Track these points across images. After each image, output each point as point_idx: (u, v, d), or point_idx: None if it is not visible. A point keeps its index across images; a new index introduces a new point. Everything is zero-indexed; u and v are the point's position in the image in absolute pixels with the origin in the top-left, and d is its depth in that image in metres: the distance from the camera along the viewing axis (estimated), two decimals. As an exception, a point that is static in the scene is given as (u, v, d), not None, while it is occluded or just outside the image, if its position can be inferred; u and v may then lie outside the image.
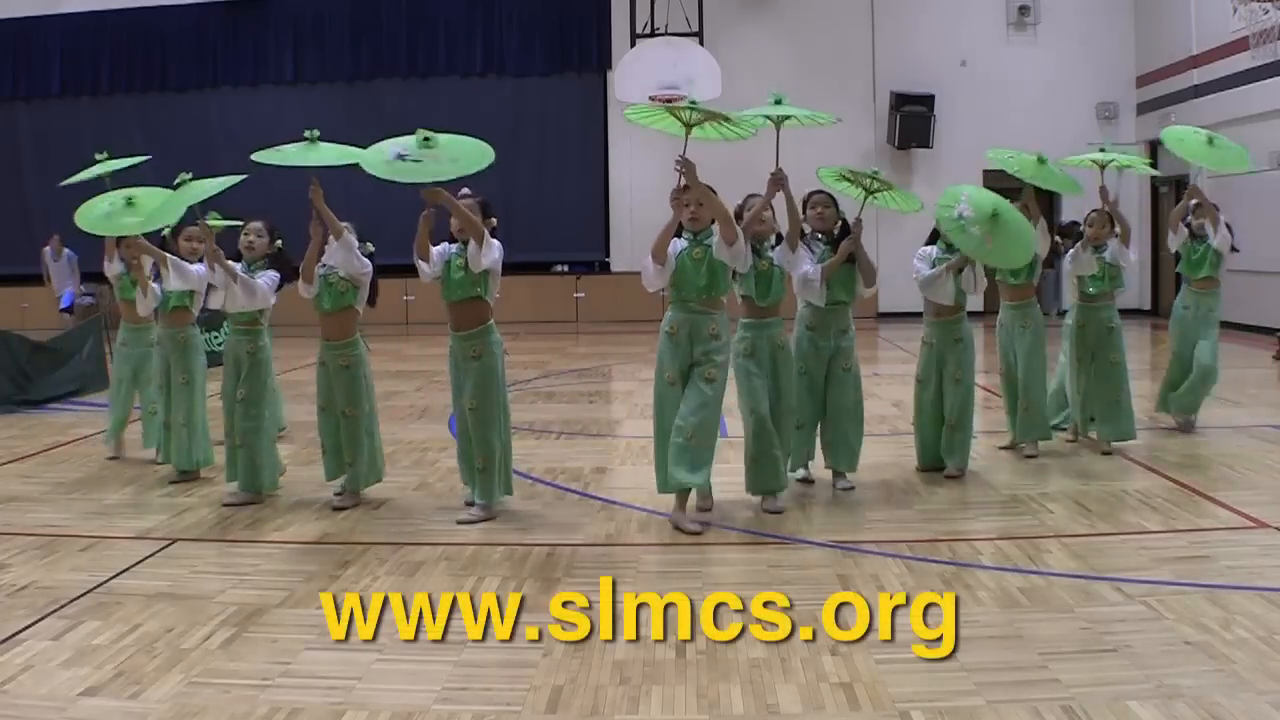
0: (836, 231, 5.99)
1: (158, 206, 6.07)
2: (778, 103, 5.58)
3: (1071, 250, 6.91)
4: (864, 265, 5.91)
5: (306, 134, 5.55)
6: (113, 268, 7.47)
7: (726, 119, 5.41)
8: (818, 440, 6.14)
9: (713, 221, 5.33)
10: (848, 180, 6.02)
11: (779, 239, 5.69)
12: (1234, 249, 7.46)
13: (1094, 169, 6.85)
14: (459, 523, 5.52)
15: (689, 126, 5.38)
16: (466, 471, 5.75)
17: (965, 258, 6.07)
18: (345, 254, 5.74)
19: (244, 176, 5.94)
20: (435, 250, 5.52)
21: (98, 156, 6.46)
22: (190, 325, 6.70)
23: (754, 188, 5.81)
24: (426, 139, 5.24)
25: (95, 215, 6.28)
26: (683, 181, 5.26)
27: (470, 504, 5.69)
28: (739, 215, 5.54)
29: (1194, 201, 7.54)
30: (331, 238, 5.70)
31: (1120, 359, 6.92)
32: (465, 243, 5.43)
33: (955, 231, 5.87)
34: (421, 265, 5.53)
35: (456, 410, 5.73)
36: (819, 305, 5.91)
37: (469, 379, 5.54)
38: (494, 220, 5.52)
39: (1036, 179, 6.40)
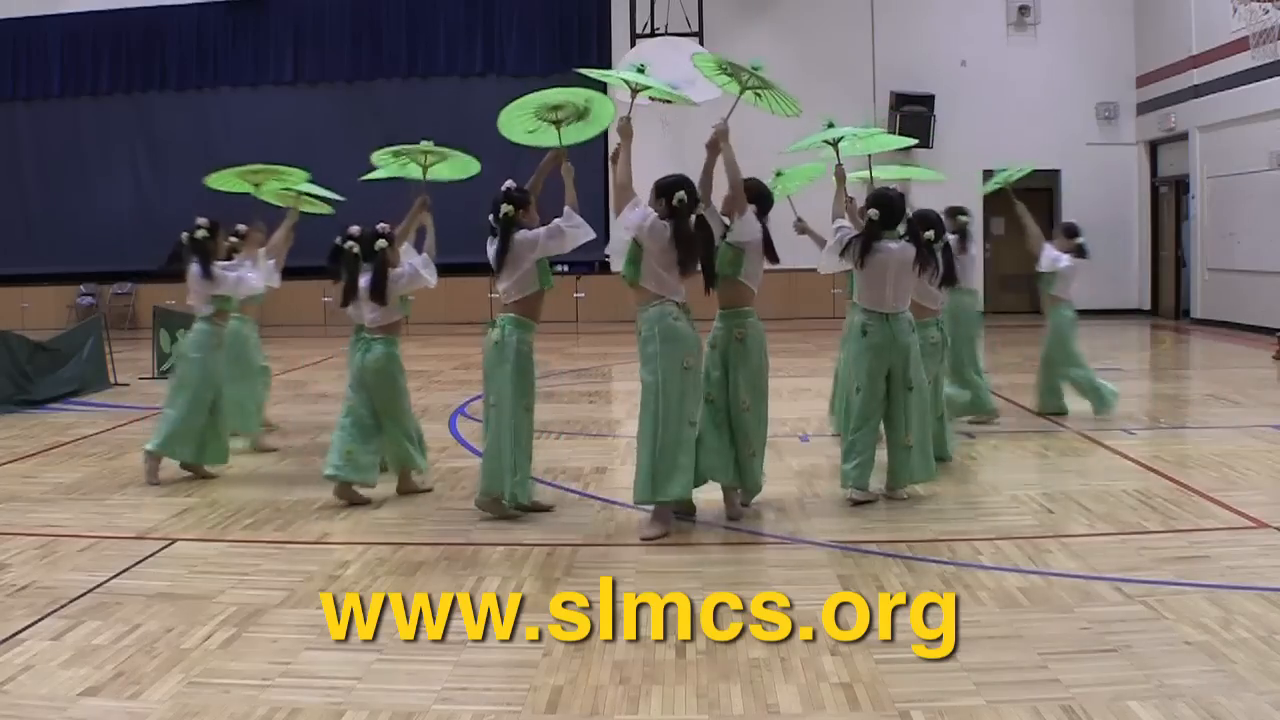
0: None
1: (290, 181, 6.85)
2: (755, 68, 5.36)
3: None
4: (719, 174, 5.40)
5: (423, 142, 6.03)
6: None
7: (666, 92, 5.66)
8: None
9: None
10: (726, 74, 5.54)
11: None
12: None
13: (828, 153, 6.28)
14: (476, 504, 5.60)
15: (634, 91, 5.53)
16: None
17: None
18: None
19: (343, 198, 6.38)
20: None
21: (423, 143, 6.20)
22: (222, 326, 6.72)
23: (742, 162, 5.41)
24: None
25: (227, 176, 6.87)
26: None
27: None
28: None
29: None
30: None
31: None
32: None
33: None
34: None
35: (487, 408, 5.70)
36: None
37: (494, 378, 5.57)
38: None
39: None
